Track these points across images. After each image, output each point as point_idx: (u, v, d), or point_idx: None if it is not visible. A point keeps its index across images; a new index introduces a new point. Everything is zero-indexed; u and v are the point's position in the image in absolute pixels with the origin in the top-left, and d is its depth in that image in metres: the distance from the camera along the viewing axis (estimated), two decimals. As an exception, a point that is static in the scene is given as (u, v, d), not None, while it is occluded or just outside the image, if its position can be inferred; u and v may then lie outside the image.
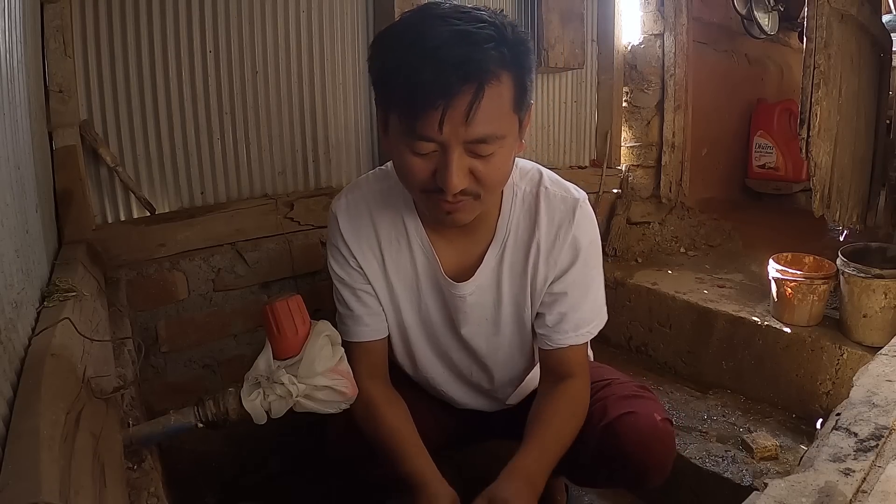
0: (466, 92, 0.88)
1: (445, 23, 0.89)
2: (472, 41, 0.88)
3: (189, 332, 1.66)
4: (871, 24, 2.21)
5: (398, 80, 0.91)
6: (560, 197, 1.15)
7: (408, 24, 0.94)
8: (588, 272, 1.17)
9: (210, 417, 0.96)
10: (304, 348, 0.98)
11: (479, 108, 0.90)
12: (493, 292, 1.18)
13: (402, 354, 1.28)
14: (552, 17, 2.32)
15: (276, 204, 1.78)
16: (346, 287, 1.19)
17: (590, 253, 1.16)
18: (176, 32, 1.65)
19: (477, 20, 0.91)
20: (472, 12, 0.93)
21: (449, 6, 0.94)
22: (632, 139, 2.83)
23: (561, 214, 1.14)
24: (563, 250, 1.14)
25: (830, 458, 0.96)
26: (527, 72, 0.96)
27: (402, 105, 0.92)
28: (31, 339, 0.81)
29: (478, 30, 0.89)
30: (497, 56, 0.90)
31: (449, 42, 0.88)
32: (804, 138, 1.96)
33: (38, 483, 0.52)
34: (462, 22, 0.89)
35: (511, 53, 0.92)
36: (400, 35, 0.93)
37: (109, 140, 1.60)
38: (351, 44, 1.97)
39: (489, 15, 0.94)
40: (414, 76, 0.88)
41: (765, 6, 3.14)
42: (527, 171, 1.18)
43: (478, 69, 0.88)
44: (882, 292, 1.79)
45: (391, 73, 0.92)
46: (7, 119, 0.87)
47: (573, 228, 1.13)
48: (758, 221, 3.09)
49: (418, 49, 0.89)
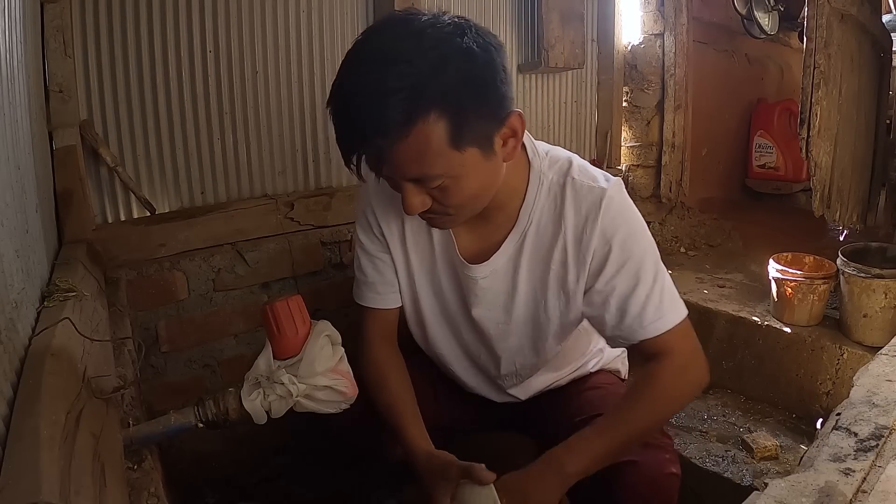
0: (375, 145, 0.88)
1: (369, 63, 0.88)
2: (381, 93, 0.85)
3: (189, 332, 1.66)
4: (871, 24, 2.21)
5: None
6: (587, 187, 1.08)
7: (349, 55, 0.93)
8: (632, 263, 1.06)
9: (210, 417, 0.96)
10: (304, 348, 0.98)
11: (395, 157, 0.89)
12: (509, 280, 1.15)
13: (414, 325, 1.30)
14: (552, 17, 2.32)
15: (276, 204, 1.78)
16: (365, 253, 1.22)
17: (627, 244, 1.06)
18: (176, 32, 1.65)
19: (404, 58, 0.85)
20: (411, 41, 0.87)
21: (398, 26, 0.91)
22: (632, 139, 2.83)
23: (587, 206, 1.07)
24: (593, 245, 1.06)
25: (830, 458, 0.96)
26: (471, 106, 0.90)
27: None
28: (31, 339, 0.81)
29: (396, 75, 0.85)
30: (408, 107, 0.85)
31: (361, 93, 0.87)
32: (804, 138, 1.96)
33: (38, 483, 0.52)
34: (385, 63, 0.86)
35: (442, 93, 0.86)
36: (341, 67, 0.93)
37: (109, 140, 1.60)
38: (351, 44, 1.97)
39: (435, 38, 0.87)
40: (335, 123, 0.91)
41: (765, 6, 3.14)
42: (557, 159, 1.12)
43: (382, 125, 0.86)
44: (882, 292, 1.79)
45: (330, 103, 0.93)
46: (7, 119, 0.87)
47: (599, 219, 1.05)
48: (758, 221, 3.09)
49: (338, 94, 0.90)
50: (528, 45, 2.40)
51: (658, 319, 1.07)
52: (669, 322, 1.07)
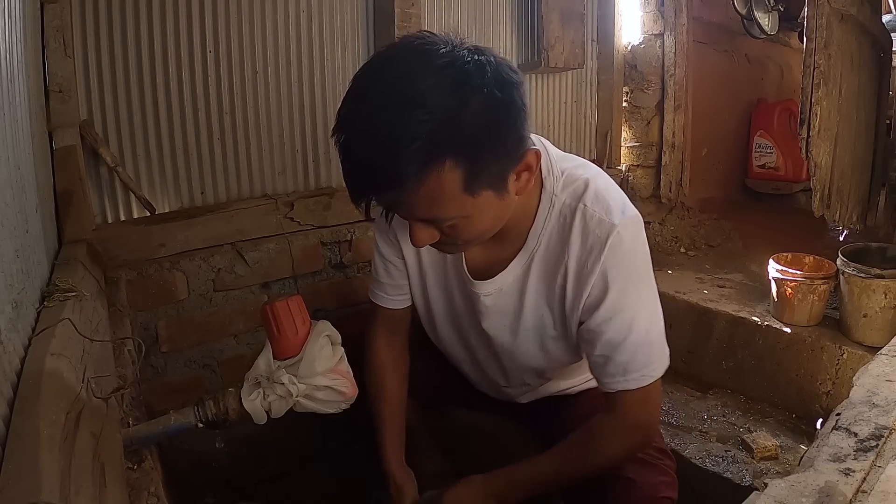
0: (387, 193, 0.85)
1: (382, 103, 0.80)
2: (396, 140, 0.79)
3: (189, 332, 1.66)
4: (871, 24, 2.21)
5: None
6: (597, 219, 1.01)
7: (359, 85, 0.86)
8: (626, 308, 1.02)
9: (210, 417, 0.96)
10: (304, 348, 0.98)
11: (407, 203, 0.86)
12: (515, 300, 1.13)
13: (427, 326, 1.32)
14: (552, 16, 2.32)
15: (276, 204, 1.78)
16: (379, 256, 1.24)
17: (626, 293, 1.02)
18: (176, 32, 1.65)
19: (421, 101, 0.79)
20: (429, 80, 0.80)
21: (415, 60, 0.83)
22: (632, 139, 2.84)
23: (593, 240, 1.01)
24: (593, 280, 1.02)
25: (830, 458, 0.96)
26: (488, 152, 0.85)
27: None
28: (31, 339, 0.81)
29: (412, 121, 0.78)
30: (424, 157, 0.80)
31: (373, 138, 0.80)
32: (804, 138, 1.96)
33: (38, 483, 0.52)
34: (401, 106, 0.79)
35: (459, 141, 0.81)
36: (350, 98, 0.86)
37: (109, 140, 1.60)
38: (351, 44, 1.97)
39: (455, 78, 0.81)
40: (344, 164, 0.86)
41: (765, 6, 3.14)
42: (574, 179, 1.06)
43: (396, 177, 0.81)
44: (882, 292, 1.79)
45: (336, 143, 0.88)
46: (7, 119, 0.87)
47: (602, 258, 1.00)
48: (758, 221, 3.09)
49: (348, 134, 0.84)
50: (528, 45, 2.40)
51: (640, 374, 1.04)
52: (649, 378, 1.05)
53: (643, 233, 1.06)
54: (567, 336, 1.13)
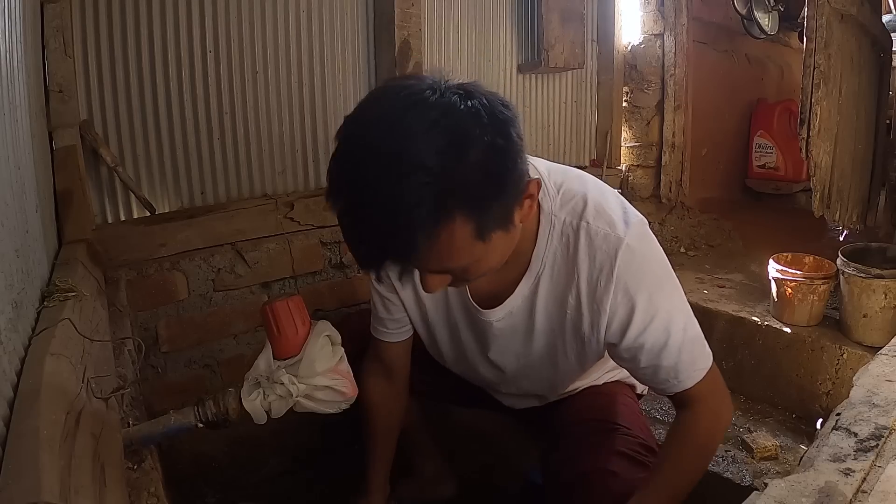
0: (399, 261, 0.82)
1: (378, 170, 0.76)
2: (401, 210, 0.75)
3: (189, 332, 1.66)
4: (871, 24, 2.21)
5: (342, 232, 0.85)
6: (602, 235, 0.99)
7: (350, 148, 0.81)
8: (658, 313, 1.01)
9: (210, 417, 0.96)
10: (304, 348, 0.98)
11: (421, 262, 0.83)
12: (526, 319, 1.11)
13: (431, 351, 1.31)
14: (552, 16, 2.32)
15: (276, 204, 1.78)
16: (376, 292, 1.22)
17: (654, 299, 1.00)
18: (176, 32, 1.65)
19: (419, 161, 0.74)
20: (424, 137, 0.76)
21: (405, 114, 0.77)
22: (632, 139, 2.83)
23: (602, 257, 0.99)
24: (611, 299, 1.00)
25: (830, 458, 0.96)
26: (494, 198, 0.82)
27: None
28: (31, 339, 0.81)
29: (414, 186, 0.74)
30: (432, 219, 0.77)
31: (376, 211, 0.76)
32: (804, 138, 1.96)
33: (38, 483, 0.52)
34: (400, 171, 0.75)
35: (465, 195, 0.78)
36: (341, 160, 0.81)
37: (109, 140, 1.60)
38: (351, 44, 1.97)
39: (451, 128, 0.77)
40: (348, 237, 0.82)
41: (765, 6, 3.14)
42: (571, 196, 1.03)
43: (405, 245, 0.78)
44: (882, 292, 1.79)
45: (336, 211, 0.83)
46: (7, 119, 0.87)
47: (616, 274, 0.98)
48: (758, 221, 3.09)
49: (348, 206, 0.80)
50: (528, 45, 2.40)
51: (692, 370, 1.05)
52: (702, 371, 1.06)
53: (650, 233, 1.04)
54: (580, 354, 1.13)
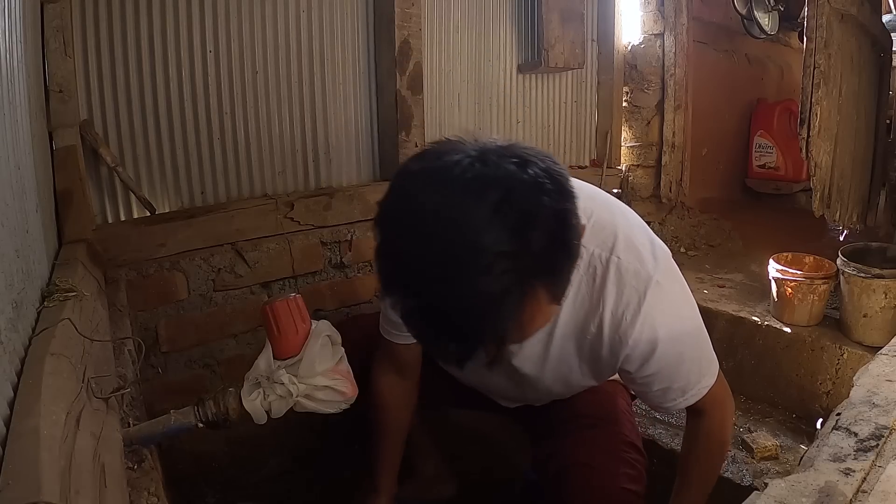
0: (489, 348, 0.78)
1: (448, 270, 0.71)
2: (483, 304, 0.71)
3: (189, 332, 1.66)
4: (871, 24, 2.21)
5: (411, 331, 0.81)
6: (632, 272, 0.98)
7: (400, 251, 0.75)
8: (677, 346, 1.03)
9: (210, 417, 0.96)
10: (304, 348, 0.98)
11: (503, 349, 0.80)
12: (543, 346, 1.10)
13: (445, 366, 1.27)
14: (552, 16, 2.32)
15: (276, 204, 1.78)
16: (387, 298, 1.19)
17: (673, 328, 1.01)
18: (176, 32, 1.65)
19: (496, 249, 0.70)
20: (493, 224, 0.70)
21: (459, 196, 0.72)
22: (632, 139, 2.83)
23: (630, 292, 0.98)
24: (635, 331, 1.00)
25: (830, 458, 0.96)
26: (566, 262, 0.80)
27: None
28: (31, 339, 0.81)
29: (495, 280, 0.71)
30: (518, 304, 0.74)
31: (454, 312, 0.72)
32: (804, 138, 1.96)
33: (38, 483, 0.52)
34: (472, 266, 0.70)
35: (541, 269, 0.75)
36: (397, 265, 0.76)
37: (109, 140, 1.60)
38: (351, 44, 1.97)
39: (519, 207, 0.72)
40: (420, 334, 0.79)
41: (765, 6, 3.14)
42: (601, 227, 1.00)
43: (494, 334, 0.75)
44: (882, 292, 1.79)
45: (402, 314, 0.79)
46: (7, 119, 0.87)
47: (642, 313, 0.98)
48: (758, 221, 3.09)
49: (416, 309, 0.76)
50: (528, 45, 2.40)
51: (699, 385, 1.07)
52: (709, 382, 1.08)
53: (675, 265, 1.05)
54: (594, 374, 1.14)
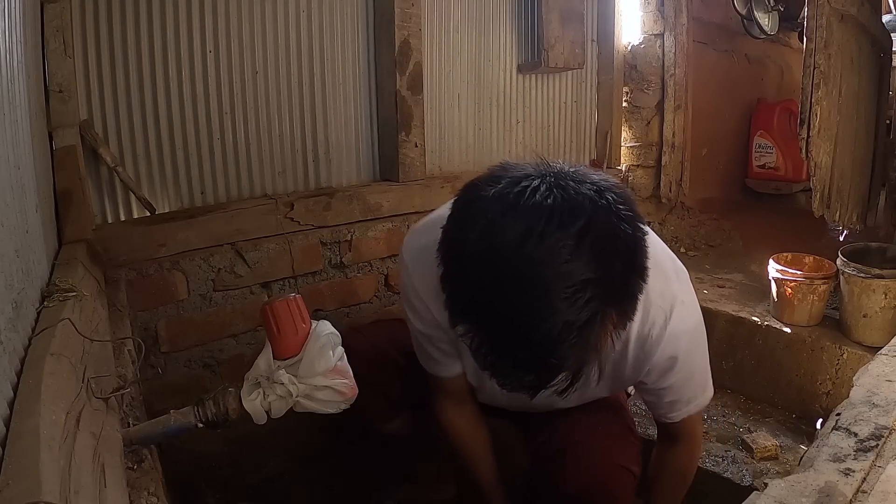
0: (565, 374, 0.79)
1: (537, 297, 0.72)
2: (570, 332, 0.72)
3: (189, 332, 1.66)
4: (871, 24, 2.21)
5: (482, 361, 0.80)
6: (658, 291, 1.00)
7: (481, 277, 0.75)
8: (690, 366, 1.09)
9: (210, 417, 0.96)
10: (304, 348, 0.97)
11: (575, 377, 0.81)
12: None
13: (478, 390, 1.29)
14: (552, 16, 2.32)
15: (276, 204, 1.78)
16: (423, 336, 1.17)
17: (689, 353, 1.08)
18: (176, 32, 1.65)
19: (578, 276, 0.71)
20: (579, 253, 0.72)
21: (546, 221, 0.73)
22: (632, 139, 2.83)
23: (656, 311, 1.02)
24: (660, 348, 1.04)
25: (830, 458, 0.96)
26: (637, 289, 0.80)
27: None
28: (31, 339, 0.81)
29: (578, 305, 0.72)
30: (598, 333, 0.75)
31: (542, 342, 0.73)
32: (804, 138, 1.96)
33: (38, 483, 0.52)
34: (561, 292, 0.71)
35: (618, 296, 0.77)
36: (478, 291, 0.76)
37: (109, 140, 1.60)
38: (351, 44, 1.97)
39: (598, 234, 0.73)
40: (498, 368, 0.79)
41: (765, 6, 3.14)
42: None
43: (578, 361, 0.77)
44: (882, 292, 1.79)
45: (475, 342, 0.79)
46: (7, 119, 0.87)
47: (668, 330, 1.02)
48: (758, 221, 3.09)
49: (499, 337, 0.76)
50: (528, 45, 2.40)
51: (702, 398, 1.15)
52: (709, 396, 1.16)
53: (688, 277, 1.09)
54: (612, 389, 1.18)
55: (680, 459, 1.25)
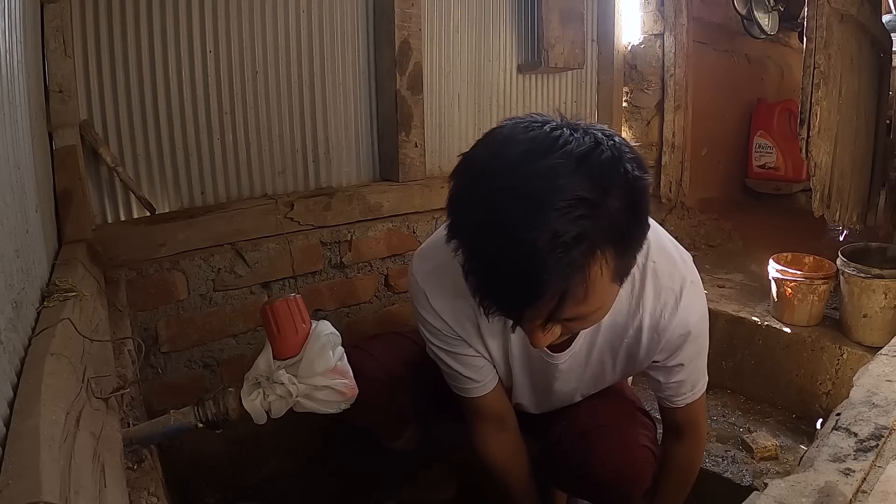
0: (543, 307, 0.80)
1: (531, 207, 0.73)
2: (560, 242, 0.73)
3: (189, 332, 1.66)
4: (871, 24, 2.21)
5: (472, 279, 0.81)
6: (667, 274, 1.05)
7: (481, 190, 0.79)
8: (700, 344, 1.14)
9: (210, 417, 0.96)
10: (304, 348, 0.97)
11: (563, 311, 0.81)
12: (584, 357, 1.16)
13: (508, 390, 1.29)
14: (552, 16, 2.32)
15: (276, 204, 1.78)
16: (449, 356, 1.17)
17: (700, 329, 1.12)
18: (176, 32, 1.65)
19: (574, 194, 0.73)
20: (577, 174, 0.74)
21: (548, 146, 0.76)
22: (632, 139, 2.83)
23: (667, 293, 1.06)
24: (672, 328, 1.08)
25: (830, 458, 0.96)
26: (636, 236, 0.82)
27: (476, 297, 0.84)
28: (31, 339, 0.81)
29: (570, 220, 0.73)
30: (588, 255, 0.76)
31: (527, 254, 0.73)
32: (804, 138, 1.96)
33: (38, 483, 0.52)
34: (553, 205, 0.73)
35: (614, 230, 0.77)
36: (473, 202, 0.80)
37: (109, 140, 1.60)
38: (351, 44, 1.97)
39: (600, 168, 0.75)
40: (487, 283, 0.80)
41: (765, 6, 3.14)
42: None
43: (559, 282, 0.76)
44: (882, 292, 1.79)
45: (466, 259, 0.81)
46: (7, 119, 0.87)
47: (679, 310, 1.06)
48: (758, 221, 3.09)
49: (491, 250, 0.77)
50: (528, 45, 2.40)
51: (701, 383, 1.19)
52: (701, 390, 1.19)
53: (693, 260, 1.13)
54: (625, 373, 1.22)
55: (685, 455, 1.28)
